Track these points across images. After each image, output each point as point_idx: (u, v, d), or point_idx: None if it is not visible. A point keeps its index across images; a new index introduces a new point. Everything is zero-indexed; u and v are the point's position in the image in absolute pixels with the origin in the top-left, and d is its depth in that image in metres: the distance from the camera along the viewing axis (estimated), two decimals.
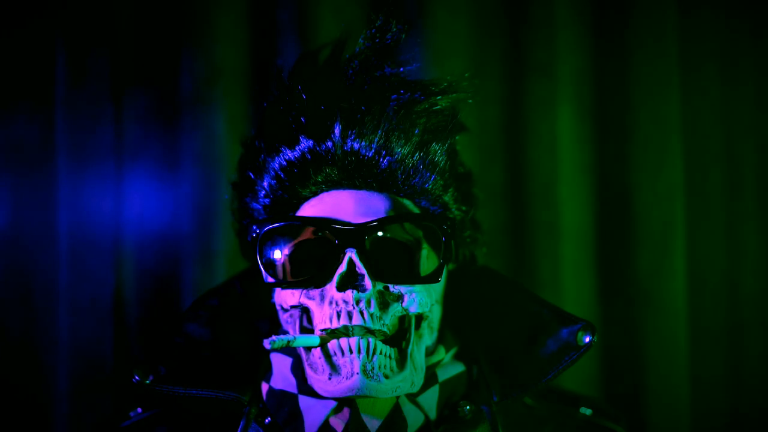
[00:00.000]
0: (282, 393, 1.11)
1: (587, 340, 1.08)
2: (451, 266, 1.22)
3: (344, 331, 1.05)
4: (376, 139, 1.09)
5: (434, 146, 1.13)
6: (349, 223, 1.07)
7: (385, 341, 1.06)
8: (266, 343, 1.05)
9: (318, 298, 1.08)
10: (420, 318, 1.11)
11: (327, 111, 1.11)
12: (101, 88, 1.58)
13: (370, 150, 1.10)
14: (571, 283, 1.70)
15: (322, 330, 1.06)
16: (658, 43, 1.71)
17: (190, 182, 1.63)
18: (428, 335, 1.13)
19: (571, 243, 1.70)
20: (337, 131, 1.10)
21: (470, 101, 1.18)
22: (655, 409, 1.68)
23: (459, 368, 1.16)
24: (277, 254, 1.10)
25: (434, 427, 1.10)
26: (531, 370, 1.11)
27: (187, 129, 1.63)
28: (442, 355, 1.16)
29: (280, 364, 1.14)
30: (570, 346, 1.09)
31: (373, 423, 1.07)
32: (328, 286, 1.07)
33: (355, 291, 1.04)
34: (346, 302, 1.05)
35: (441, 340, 1.18)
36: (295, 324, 1.12)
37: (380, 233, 1.07)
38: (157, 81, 1.64)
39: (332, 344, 1.05)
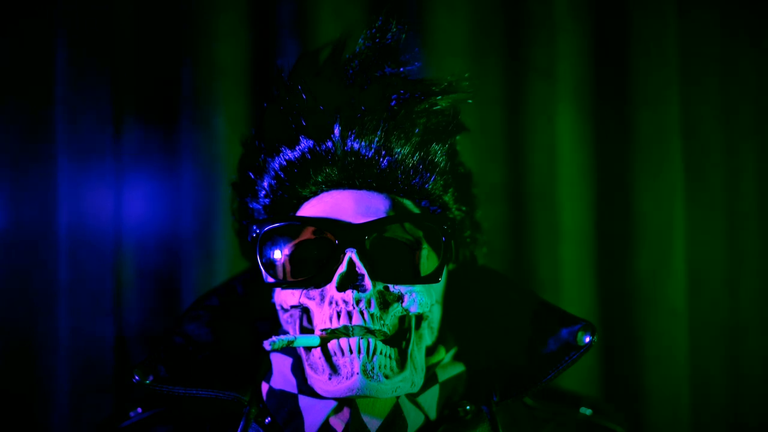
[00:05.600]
0: (282, 393, 1.11)
1: (587, 340, 1.08)
2: (451, 266, 1.22)
3: (344, 331, 1.05)
4: (376, 139, 1.09)
5: (434, 146, 1.13)
6: (349, 224, 1.07)
7: (385, 341, 1.06)
8: (266, 344, 1.05)
9: (318, 298, 1.08)
10: (420, 318, 1.11)
11: (327, 111, 1.11)
12: (101, 88, 1.58)
13: (370, 150, 1.10)
14: (571, 283, 1.70)
15: (322, 330, 1.06)
16: (658, 44, 1.71)
17: (190, 182, 1.63)
18: (428, 335, 1.13)
19: (571, 243, 1.70)
20: (337, 131, 1.10)
21: (470, 101, 1.18)
22: (655, 409, 1.68)
23: (459, 368, 1.16)
24: (277, 254, 1.09)
25: (434, 427, 1.10)
26: (531, 370, 1.11)
27: (187, 129, 1.64)
28: (442, 355, 1.16)
29: (280, 364, 1.14)
30: (570, 346, 1.09)
31: (373, 423, 1.07)
32: (328, 286, 1.07)
33: (355, 291, 1.04)
34: (346, 302, 1.05)
35: (441, 340, 1.18)
36: (295, 324, 1.12)
37: (380, 233, 1.07)
38: (158, 81, 1.64)
39: (332, 344, 1.05)
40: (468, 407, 1.11)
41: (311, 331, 1.10)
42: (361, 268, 1.05)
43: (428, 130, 1.13)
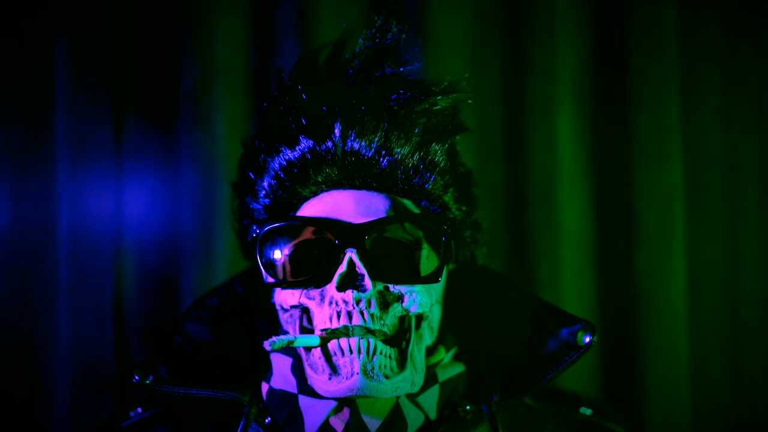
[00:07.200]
0: (282, 393, 1.11)
1: (587, 340, 1.08)
2: (451, 266, 1.22)
3: (344, 331, 1.05)
4: (376, 139, 1.09)
5: (434, 146, 1.13)
6: (349, 223, 1.07)
7: (385, 341, 1.06)
8: (266, 345, 1.05)
9: (318, 298, 1.08)
10: (420, 318, 1.11)
11: (327, 111, 1.11)
12: (101, 88, 1.58)
13: (370, 150, 1.10)
14: (571, 283, 1.70)
15: (322, 330, 1.06)
16: (658, 44, 1.71)
17: (190, 182, 1.63)
18: (428, 335, 1.13)
19: (571, 243, 1.70)
20: (337, 131, 1.10)
21: (470, 101, 1.18)
22: (655, 409, 1.68)
23: (459, 368, 1.16)
24: (277, 254, 1.09)
25: (434, 427, 1.10)
26: (531, 370, 1.11)
27: (187, 129, 1.64)
28: (443, 355, 1.16)
29: (280, 364, 1.14)
30: (570, 346, 1.09)
31: (373, 423, 1.07)
32: (328, 286, 1.07)
33: (355, 291, 1.04)
34: (346, 302, 1.05)
35: (441, 340, 1.18)
36: (295, 324, 1.12)
37: (380, 233, 1.07)
38: (158, 81, 1.64)
39: (332, 344, 1.05)
40: (468, 407, 1.11)
41: (311, 331, 1.10)
42: (361, 268, 1.05)
43: (428, 130, 1.13)
